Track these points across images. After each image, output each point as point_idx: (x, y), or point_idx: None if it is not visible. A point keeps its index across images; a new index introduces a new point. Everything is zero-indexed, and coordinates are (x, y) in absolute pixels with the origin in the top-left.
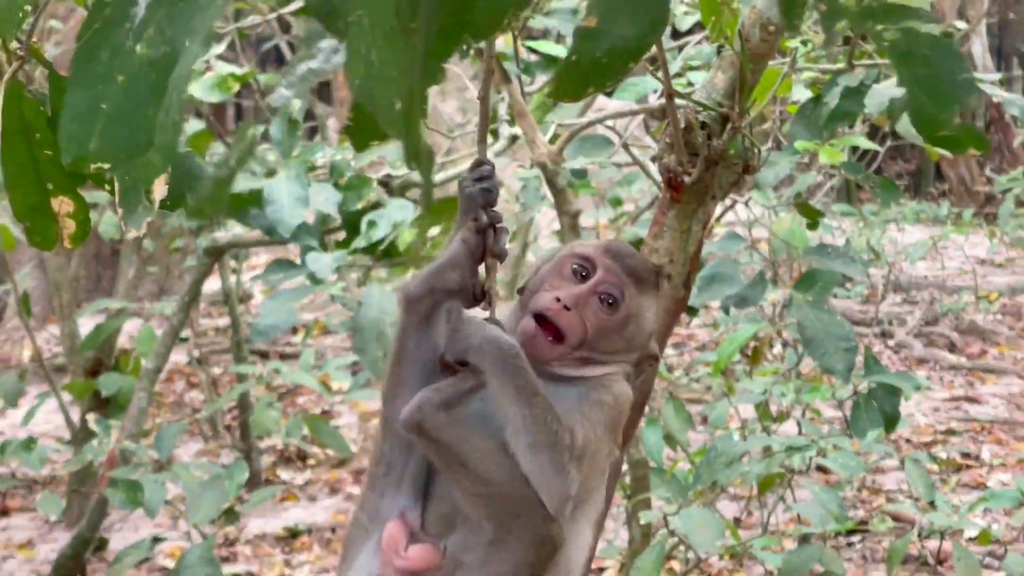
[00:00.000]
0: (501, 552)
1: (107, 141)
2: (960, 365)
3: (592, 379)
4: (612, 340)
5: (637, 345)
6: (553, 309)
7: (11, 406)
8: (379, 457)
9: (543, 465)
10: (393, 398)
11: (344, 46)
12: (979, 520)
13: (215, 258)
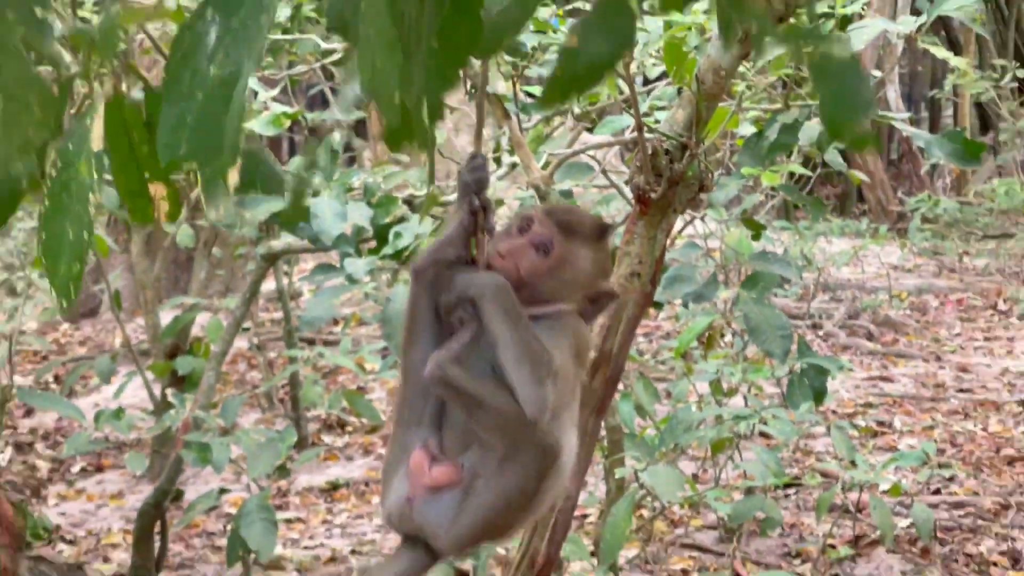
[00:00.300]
0: (512, 465)
1: (193, 147)
2: (876, 351)
3: (551, 315)
4: (548, 281)
5: (579, 285)
6: (492, 258)
7: (105, 383)
8: (402, 401)
9: (525, 376)
10: (409, 351)
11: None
12: (891, 476)
13: (271, 263)
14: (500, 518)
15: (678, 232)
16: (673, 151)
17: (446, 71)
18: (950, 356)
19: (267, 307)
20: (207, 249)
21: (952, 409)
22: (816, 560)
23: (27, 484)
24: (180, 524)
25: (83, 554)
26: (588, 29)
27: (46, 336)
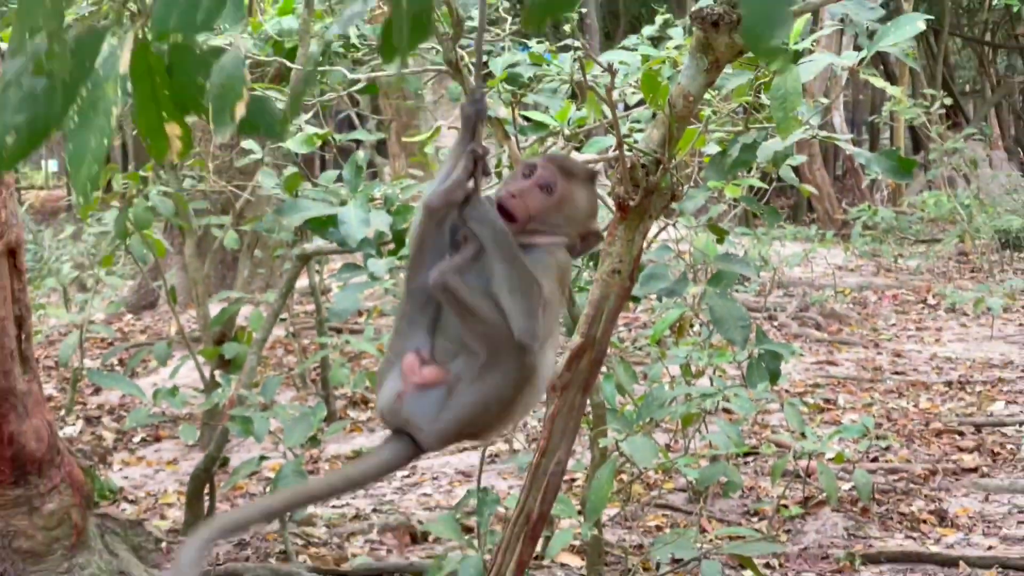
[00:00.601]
0: (491, 372)
1: (182, 19)
2: (823, 339)
3: (543, 246)
4: (552, 216)
5: (577, 221)
6: (505, 197)
7: (162, 365)
8: (402, 315)
9: (518, 306)
10: (415, 274)
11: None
12: (835, 446)
13: (304, 262)
14: (479, 418)
15: (653, 237)
16: (649, 165)
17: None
18: (886, 344)
19: (301, 301)
20: (250, 251)
21: (888, 389)
22: (771, 518)
23: (95, 452)
24: (226, 486)
25: (143, 512)
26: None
27: (111, 326)
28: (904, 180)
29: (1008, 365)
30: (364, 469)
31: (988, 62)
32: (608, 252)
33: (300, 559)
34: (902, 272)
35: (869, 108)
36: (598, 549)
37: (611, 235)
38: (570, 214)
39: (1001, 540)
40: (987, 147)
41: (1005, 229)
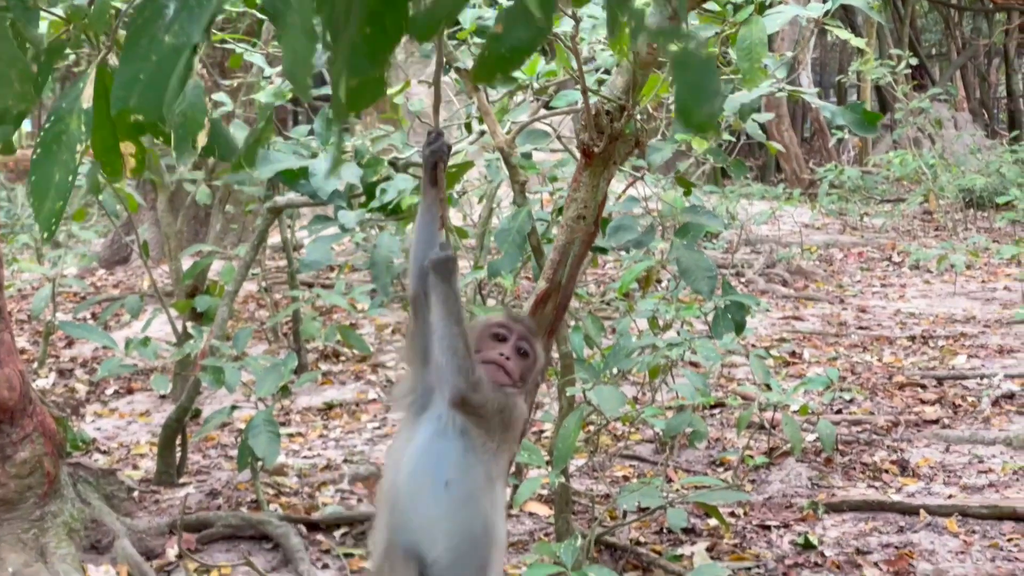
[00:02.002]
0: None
1: (141, 101)
2: (789, 295)
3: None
4: (529, 375)
5: (539, 372)
6: (489, 368)
7: (134, 318)
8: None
9: (448, 362)
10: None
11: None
12: (800, 398)
13: (275, 215)
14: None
15: (622, 192)
16: (613, 112)
17: (376, 54)
18: (852, 299)
19: (273, 256)
20: (222, 206)
21: (852, 343)
22: (736, 468)
23: (68, 404)
24: (198, 436)
25: (115, 462)
26: (511, 18)
27: (84, 280)
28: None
29: (970, 320)
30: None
31: (954, 25)
32: (573, 198)
33: (272, 508)
34: (867, 230)
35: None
36: (565, 498)
37: (576, 181)
38: (537, 369)
39: (961, 489)
40: (952, 108)
41: (969, 188)
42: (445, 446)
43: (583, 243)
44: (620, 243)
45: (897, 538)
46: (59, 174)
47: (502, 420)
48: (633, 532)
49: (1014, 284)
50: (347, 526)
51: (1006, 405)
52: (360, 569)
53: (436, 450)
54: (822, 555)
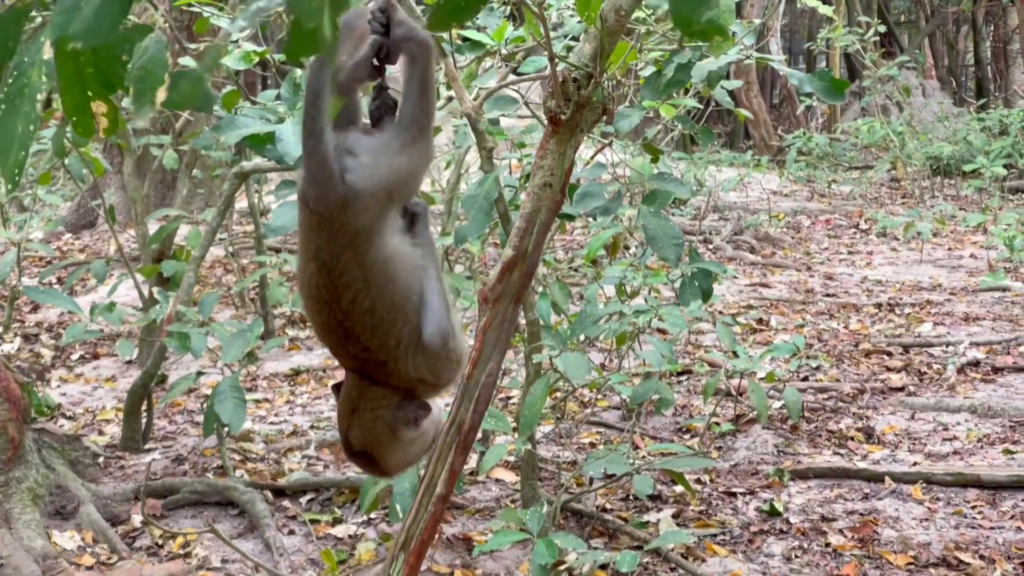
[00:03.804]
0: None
1: (82, 27)
2: (757, 262)
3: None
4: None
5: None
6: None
7: (100, 283)
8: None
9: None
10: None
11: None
12: (767, 366)
13: (242, 180)
14: (405, 178)
15: (590, 159)
16: (580, 79)
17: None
18: (819, 267)
19: (240, 221)
20: (189, 170)
21: (819, 310)
22: (703, 435)
23: (33, 369)
24: (163, 402)
25: (81, 428)
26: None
27: (50, 244)
28: (836, 101)
29: (936, 288)
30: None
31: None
32: (540, 166)
33: (238, 474)
34: (835, 197)
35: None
36: (532, 464)
37: (543, 149)
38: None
39: (926, 456)
40: (920, 76)
41: (936, 156)
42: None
43: (550, 211)
44: (587, 210)
45: (862, 505)
46: (21, 126)
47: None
48: (599, 499)
49: (980, 252)
50: (313, 492)
51: (971, 373)
52: (326, 535)
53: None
54: (787, 522)
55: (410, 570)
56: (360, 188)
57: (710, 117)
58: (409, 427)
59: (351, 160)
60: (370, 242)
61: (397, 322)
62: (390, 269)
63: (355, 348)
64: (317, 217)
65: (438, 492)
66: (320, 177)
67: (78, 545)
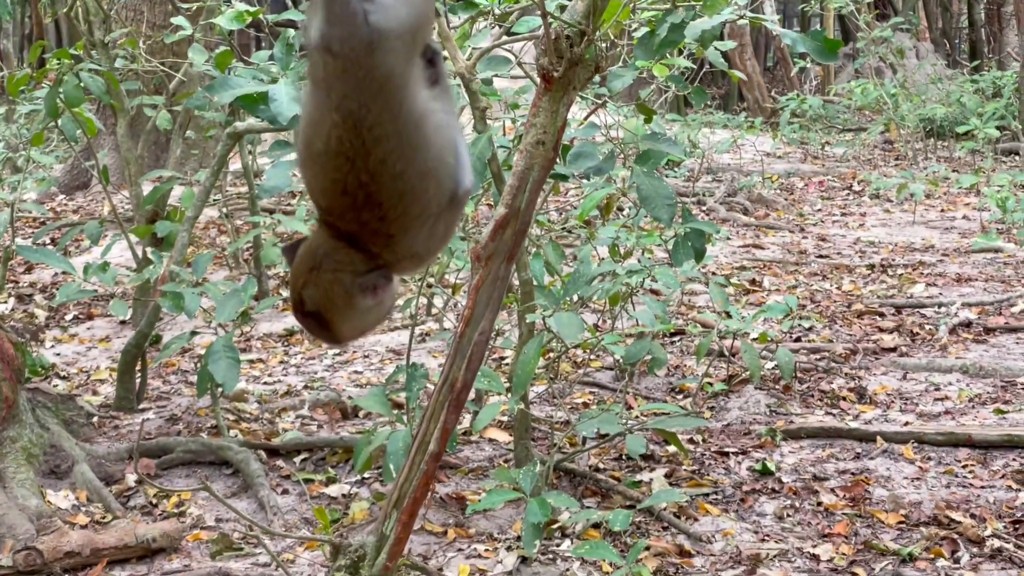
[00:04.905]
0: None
1: None
2: (750, 223)
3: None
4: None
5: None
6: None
7: (94, 244)
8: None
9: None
10: None
11: None
12: (760, 326)
13: (235, 140)
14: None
15: (583, 120)
16: (573, 36)
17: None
18: (812, 228)
19: (234, 183)
20: (182, 131)
21: (812, 272)
22: (695, 395)
23: (27, 329)
24: (157, 362)
25: (75, 388)
26: None
27: (44, 205)
28: (829, 61)
29: (929, 249)
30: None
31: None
32: (532, 123)
33: (231, 434)
34: (829, 159)
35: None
36: (525, 424)
37: (535, 107)
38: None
39: (917, 416)
40: (914, 38)
41: (929, 118)
42: None
43: (542, 168)
44: (581, 170)
45: (854, 465)
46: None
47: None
48: (592, 459)
49: (973, 213)
50: (307, 452)
51: (963, 333)
52: (320, 494)
53: None
54: (779, 481)
55: (403, 527)
56: (385, 28)
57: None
58: (367, 295)
59: (369, 3)
60: (402, 90)
61: (428, 191)
62: (424, 128)
63: (370, 215)
64: (342, 62)
65: (431, 450)
66: (344, 17)
67: (72, 504)
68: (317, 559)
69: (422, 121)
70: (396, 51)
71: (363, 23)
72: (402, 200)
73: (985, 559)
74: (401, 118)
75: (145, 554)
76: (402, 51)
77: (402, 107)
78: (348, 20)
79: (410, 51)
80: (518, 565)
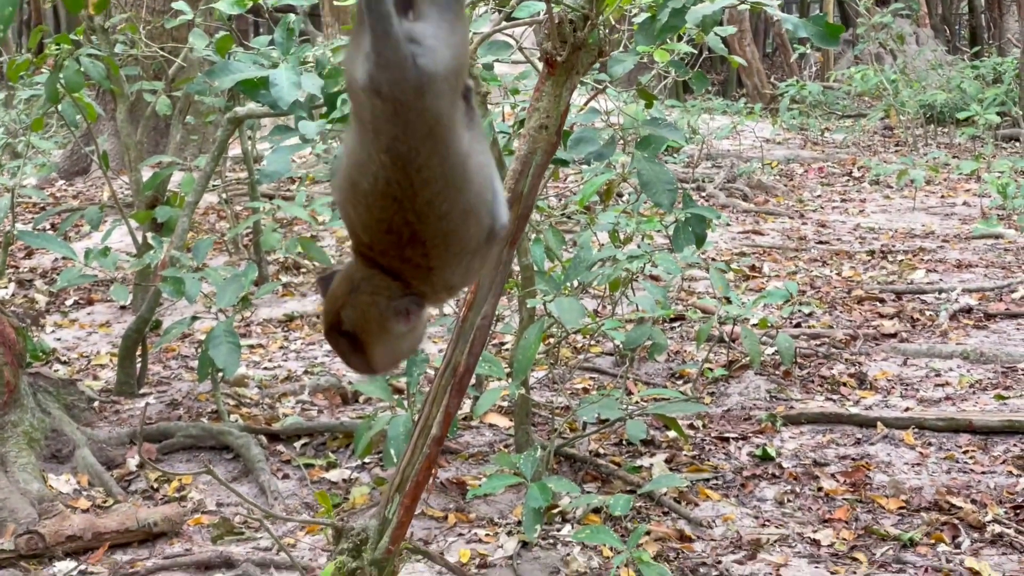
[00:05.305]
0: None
1: None
2: (750, 209)
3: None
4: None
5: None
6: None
7: (94, 230)
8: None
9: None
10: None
11: None
12: (760, 312)
13: (236, 125)
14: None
15: (583, 104)
16: (577, 21)
17: None
18: (812, 214)
19: (234, 168)
20: (182, 116)
21: (812, 258)
22: (695, 380)
23: (28, 314)
24: (158, 347)
25: (76, 373)
26: None
27: (44, 191)
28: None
29: (929, 235)
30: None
31: None
32: (535, 108)
33: (232, 419)
34: (828, 145)
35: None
36: (525, 409)
37: (538, 91)
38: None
39: (918, 402)
40: (914, 24)
41: (930, 104)
42: None
43: (545, 153)
44: (581, 155)
45: (854, 450)
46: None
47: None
48: (592, 444)
49: (973, 199)
50: (307, 437)
51: (963, 319)
52: (320, 479)
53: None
54: (780, 467)
55: (406, 511)
56: (433, 71)
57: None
58: (400, 319)
59: (416, 47)
60: (450, 133)
61: (469, 230)
62: (469, 168)
63: (413, 252)
64: (392, 105)
65: (433, 433)
66: (394, 60)
67: (74, 488)
68: (318, 543)
69: (466, 161)
70: (443, 94)
71: (412, 66)
72: (445, 239)
73: (986, 544)
74: (449, 160)
75: (146, 538)
76: (448, 93)
77: (449, 149)
78: (398, 63)
79: (454, 92)
80: (519, 550)
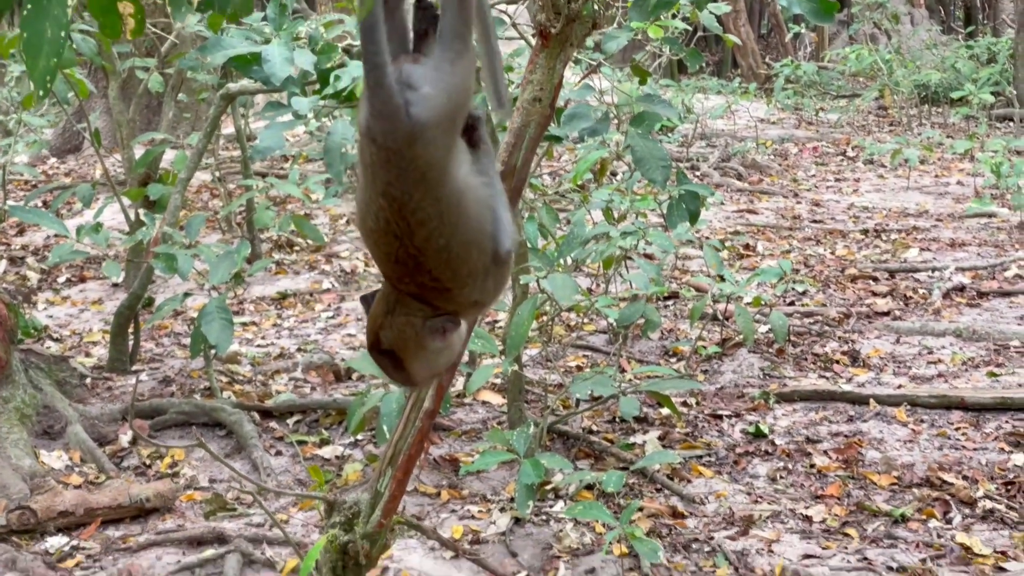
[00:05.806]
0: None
1: None
2: (744, 188)
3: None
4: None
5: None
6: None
7: (87, 207)
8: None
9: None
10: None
11: None
12: (753, 290)
13: (228, 101)
14: (461, 97)
15: (579, 81)
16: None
17: None
18: (806, 193)
19: (227, 146)
20: (174, 93)
21: (806, 236)
22: (689, 358)
23: (19, 291)
24: (150, 323)
25: (68, 350)
26: None
27: (35, 168)
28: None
29: (923, 214)
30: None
31: None
32: (529, 80)
33: (225, 396)
34: (823, 125)
35: None
36: (519, 386)
37: (532, 63)
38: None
39: (910, 379)
40: (909, 4)
41: (924, 84)
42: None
43: (539, 126)
44: (575, 131)
45: (847, 427)
46: (51, 30)
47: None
48: (585, 421)
49: (966, 179)
50: (300, 414)
51: (956, 297)
52: (313, 456)
53: None
54: (772, 444)
55: (398, 484)
56: (425, 120)
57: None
58: (436, 337)
59: (412, 94)
60: (443, 175)
61: (472, 255)
62: (464, 204)
63: (424, 278)
64: (386, 153)
65: (425, 407)
66: (386, 112)
67: (66, 464)
68: (311, 519)
69: (462, 198)
70: (436, 141)
71: (404, 116)
72: (449, 266)
73: (977, 520)
74: (443, 200)
75: (139, 514)
76: (441, 139)
77: (443, 190)
78: (390, 113)
79: (450, 135)
80: (511, 526)
